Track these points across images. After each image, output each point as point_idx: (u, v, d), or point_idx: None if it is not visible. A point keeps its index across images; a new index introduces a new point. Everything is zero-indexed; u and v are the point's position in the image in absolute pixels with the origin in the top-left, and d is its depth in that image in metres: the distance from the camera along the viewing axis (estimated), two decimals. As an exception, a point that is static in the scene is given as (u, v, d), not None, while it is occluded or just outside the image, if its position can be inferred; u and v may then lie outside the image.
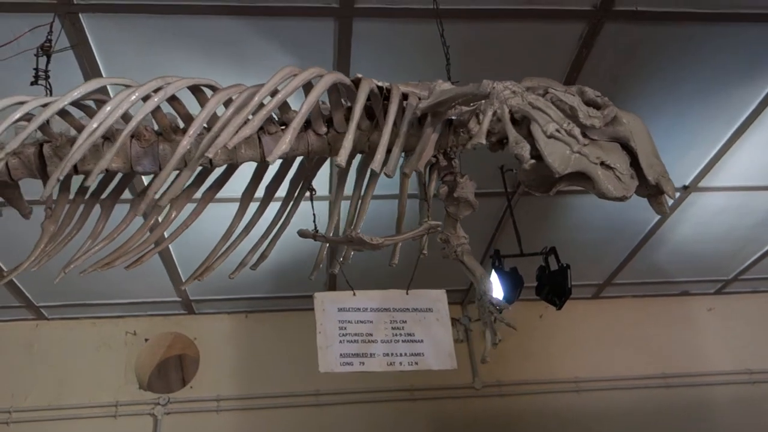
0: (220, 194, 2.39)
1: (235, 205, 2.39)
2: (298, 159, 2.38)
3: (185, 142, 1.83)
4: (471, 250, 2.31)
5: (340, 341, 2.16)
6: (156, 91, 1.86)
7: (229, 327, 6.88)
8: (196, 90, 1.96)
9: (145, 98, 1.86)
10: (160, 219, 2.14)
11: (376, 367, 2.20)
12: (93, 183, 1.98)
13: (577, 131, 1.77)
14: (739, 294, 7.48)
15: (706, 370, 7.08)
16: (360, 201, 2.30)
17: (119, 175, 2.13)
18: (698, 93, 4.40)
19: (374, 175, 2.29)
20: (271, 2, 3.53)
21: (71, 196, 2.15)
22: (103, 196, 2.15)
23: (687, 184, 5.33)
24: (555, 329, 7.01)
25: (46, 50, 2.66)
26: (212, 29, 3.67)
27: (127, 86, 1.88)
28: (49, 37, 2.72)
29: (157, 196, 1.97)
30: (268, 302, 6.86)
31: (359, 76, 2.02)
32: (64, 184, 2.07)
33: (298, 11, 3.57)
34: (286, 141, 1.77)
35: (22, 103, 1.79)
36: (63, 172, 1.73)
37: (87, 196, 2.11)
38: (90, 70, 3.75)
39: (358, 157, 2.46)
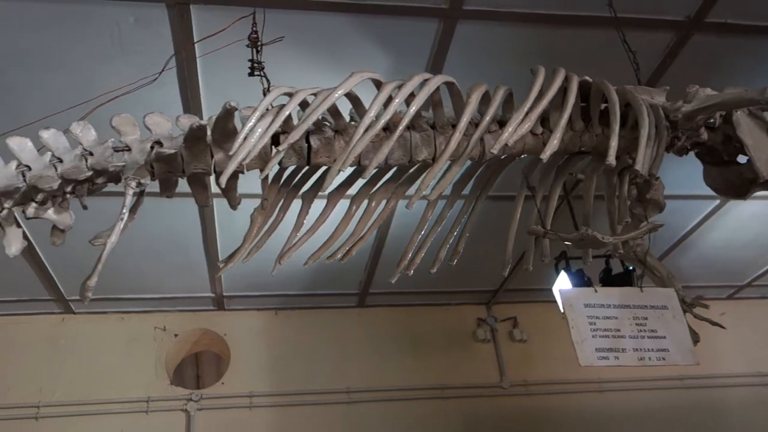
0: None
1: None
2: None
3: (457, 135, 1.86)
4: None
5: (593, 336, 2.21)
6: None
7: (259, 324, 6.85)
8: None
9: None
10: (360, 212, 2.16)
11: (629, 362, 2.26)
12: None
13: None
14: (749, 300, 7.77)
15: (720, 372, 7.33)
16: (548, 200, 2.36)
17: (323, 169, 2.14)
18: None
19: (560, 175, 2.36)
20: (381, 0, 3.56)
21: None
22: (304, 189, 2.16)
23: (728, 192, 5.52)
24: (579, 330, 7.15)
25: (254, 41, 2.64)
26: (312, 24, 3.68)
27: (376, 81, 1.90)
28: (254, 28, 2.70)
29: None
30: (299, 299, 6.85)
31: (588, 78, 2.09)
32: (277, 176, 2.08)
33: (405, 11, 3.61)
34: (556, 140, 1.82)
35: (289, 94, 1.79)
36: (346, 164, 1.75)
37: (289, 189, 2.12)
38: (186, 66, 3.73)
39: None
